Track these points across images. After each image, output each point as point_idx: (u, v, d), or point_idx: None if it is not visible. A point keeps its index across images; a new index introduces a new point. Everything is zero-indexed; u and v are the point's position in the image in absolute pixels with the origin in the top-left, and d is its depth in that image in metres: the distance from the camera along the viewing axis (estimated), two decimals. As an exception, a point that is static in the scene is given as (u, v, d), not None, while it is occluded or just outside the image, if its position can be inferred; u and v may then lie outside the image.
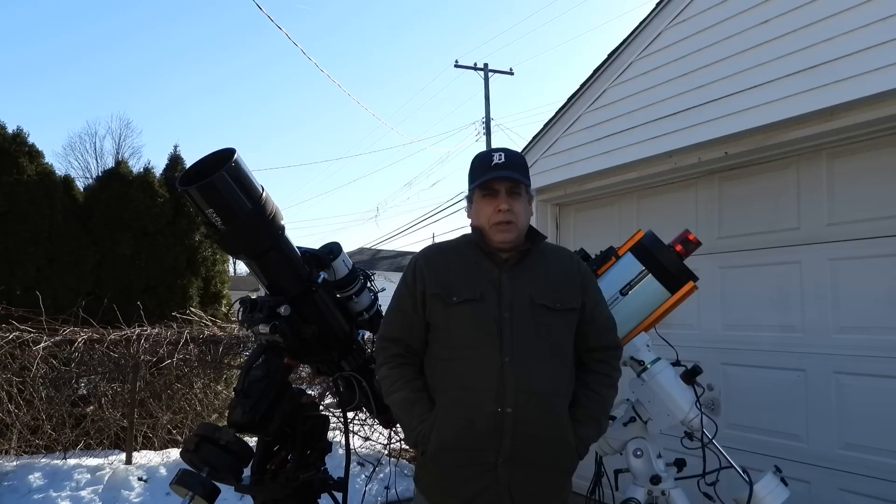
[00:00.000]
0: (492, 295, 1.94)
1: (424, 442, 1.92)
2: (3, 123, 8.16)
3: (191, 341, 6.27)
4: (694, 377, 2.47)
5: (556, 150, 5.08)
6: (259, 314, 2.30)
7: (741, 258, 4.00)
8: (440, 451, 1.91)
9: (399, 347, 2.04)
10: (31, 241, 7.82)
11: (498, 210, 1.95)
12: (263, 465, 2.41)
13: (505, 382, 1.86)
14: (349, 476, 2.55)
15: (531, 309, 1.94)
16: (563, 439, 1.94)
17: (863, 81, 3.10)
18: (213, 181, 2.08)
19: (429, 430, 1.92)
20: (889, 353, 3.26)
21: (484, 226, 1.99)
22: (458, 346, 1.93)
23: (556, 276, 2.03)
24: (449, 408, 1.91)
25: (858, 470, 3.34)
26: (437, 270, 2.00)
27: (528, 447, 1.88)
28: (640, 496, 2.41)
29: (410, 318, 2.02)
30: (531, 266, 2.01)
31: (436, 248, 2.16)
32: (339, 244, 2.59)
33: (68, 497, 5.01)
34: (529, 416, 1.87)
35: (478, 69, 21.12)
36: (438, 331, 1.98)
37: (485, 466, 1.88)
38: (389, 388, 2.01)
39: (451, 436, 1.89)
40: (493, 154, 2.01)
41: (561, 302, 1.98)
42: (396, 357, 2.03)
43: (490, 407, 1.86)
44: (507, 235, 1.97)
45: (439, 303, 1.96)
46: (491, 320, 1.91)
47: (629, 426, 2.53)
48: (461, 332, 1.94)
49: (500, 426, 1.85)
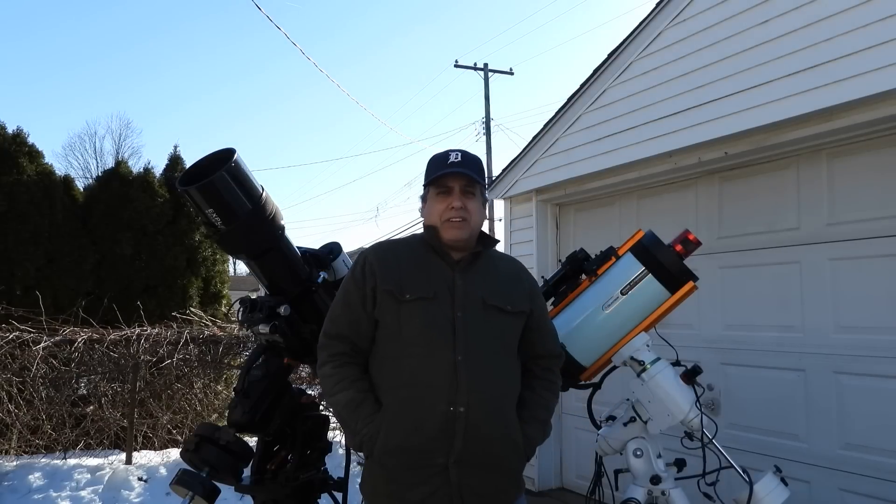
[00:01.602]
0: (445, 294, 1.92)
1: (371, 445, 1.85)
2: (3, 123, 8.18)
3: (191, 341, 6.28)
4: (694, 377, 2.47)
5: (556, 150, 5.08)
6: (259, 314, 2.31)
7: (741, 258, 4.00)
8: (387, 453, 1.84)
9: (344, 345, 1.95)
10: (31, 241, 7.83)
11: (451, 207, 1.94)
12: (263, 465, 2.41)
13: (458, 381, 1.83)
14: (349, 476, 2.55)
15: (483, 309, 1.93)
16: (512, 439, 1.93)
17: (863, 81, 3.10)
18: (213, 181, 2.09)
19: (375, 431, 1.85)
20: (889, 353, 3.26)
21: (436, 223, 1.97)
22: (409, 343, 1.88)
23: (505, 280, 2.04)
24: (397, 408, 1.86)
25: (858, 470, 3.34)
26: (388, 267, 1.95)
27: (479, 447, 1.85)
28: (640, 496, 2.41)
29: (358, 315, 1.94)
30: (482, 268, 2.01)
31: (386, 244, 2.11)
32: (339, 244, 2.60)
33: (68, 497, 5.01)
34: (481, 416, 1.85)
35: (478, 69, 21.13)
36: (388, 328, 1.92)
37: (434, 468, 1.83)
38: (332, 388, 1.93)
39: (399, 437, 1.83)
40: (449, 153, 2.01)
41: (512, 304, 1.99)
42: (341, 356, 1.95)
43: (442, 406, 1.82)
44: (458, 232, 1.95)
45: (390, 300, 1.90)
46: (444, 319, 1.89)
47: (629, 426, 2.53)
48: (412, 330, 1.88)
49: (452, 426, 1.82)
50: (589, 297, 2.52)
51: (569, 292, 2.59)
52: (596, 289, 2.52)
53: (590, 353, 2.49)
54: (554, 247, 5.39)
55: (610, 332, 2.49)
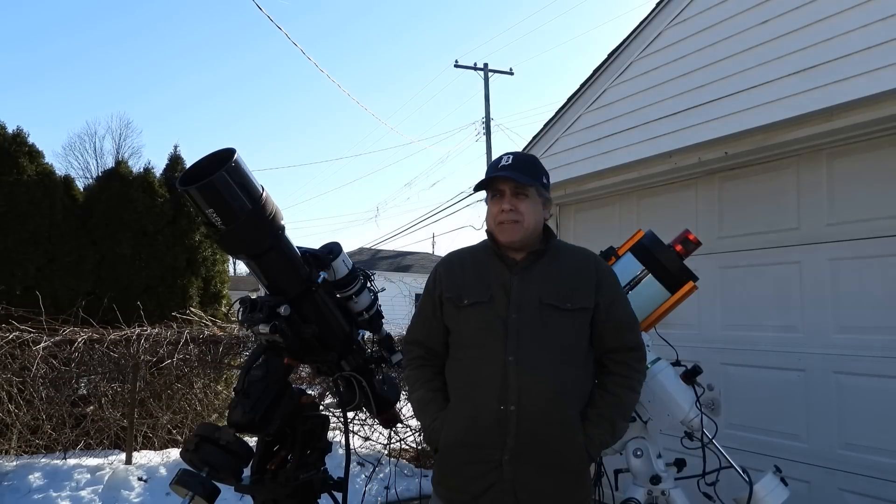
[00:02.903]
0: (501, 297, 1.99)
1: (436, 438, 2.01)
2: (3, 123, 8.15)
3: (191, 341, 6.27)
4: (694, 377, 2.47)
5: (557, 150, 5.08)
6: (259, 314, 2.30)
7: (741, 258, 4.00)
8: (448, 446, 1.99)
9: (420, 350, 2.15)
10: (31, 241, 7.81)
11: (501, 210, 2.01)
12: (263, 465, 2.41)
13: (508, 381, 1.90)
14: (349, 476, 2.55)
15: (539, 309, 1.96)
16: (569, 438, 1.93)
17: (863, 81, 3.10)
18: (213, 181, 2.08)
19: (439, 426, 2.00)
20: (889, 353, 3.26)
21: (493, 226, 2.05)
22: (466, 346, 2.02)
23: (568, 276, 2.03)
24: (457, 405, 2.00)
25: (858, 470, 3.34)
26: (453, 275, 2.10)
27: (532, 446, 1.90)
28: (640, 496, 2.41)
29: (430, 322, 2.13)
30: (543, 267, 2.03)
31: (456, 253, 2.23)
32: (339, 244, 2.59)
33: (68, 497, 5.01)
34: (533, 415, 1.89)
35: (478, 69, 21.12)
36: (452, 333, 2.07)
37: (490, 464, 1.91)
38: (411, 388, 2.14)
39: (456, 432, 1.97)
40: (502, 157, 2.07)
41: (571, 302, 1.98)
42: (418, 359, 2.15)
43: (493, 404, 1.91)
44: (510, 235, 2.00)
45: (451, 306, 2.05)
46: (497, 321, 1.96)
47: (629, 426, 2.53)
48: (469, 332, 2.02)
49: (504, 424, 1.90)
50: (589, 297, 2.52)
51: (569, 292, 2.59)
52: (596, 289, 2.52)
53: (590, 353, 2.48)
54: (554, 247, 5.38)
55: (610, 332, 2.48)
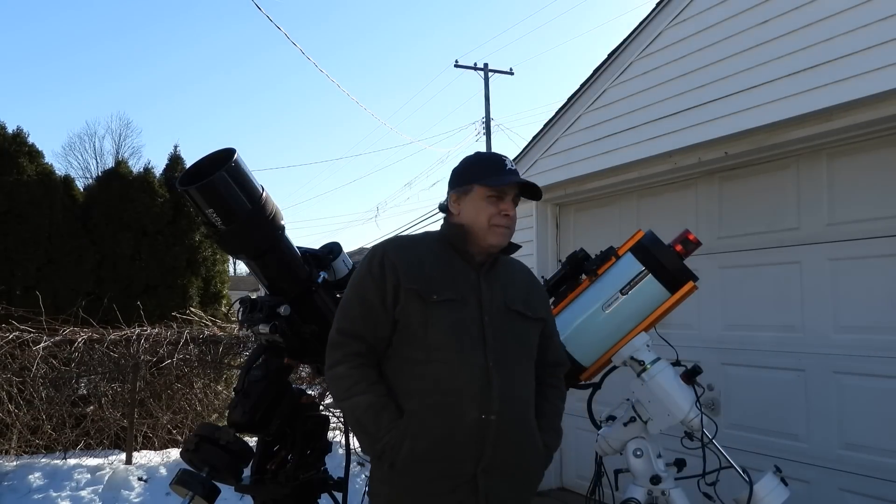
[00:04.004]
0: (471, 297, 1.87)
1: (394, 453, 1.76)
2: (3, 123, 8.17)
3: (191, 341, 6.28)
4: (694, 377, 2.47)
5: (556, 150, 5.08)
6: (259, 314, 2.31)
7: (741, 258, 4.00)
8: (414, 462, 1.76)
9: (360, 345, 1.84)
10: (31, 241, 7.82)
11: (505, 214, 1.90)
12: (263, 465, 2.41)
13: (490, 388, 1.79)
14: (349, 476, 2.55)
15: (506, 314, 1.90)
16: (537, 447, 1.93)
17: (863, 81, 3.10)
18: (213, 181, 2.09)
19: (399, 440, 1.75)
20: (889, 353, 3.26)
21: (482, 225, 1.89)
22: (435, 347, 1.80)
23: (522, 286, 2.02)
24: (424, 415, 1.77)
25: (858, 470, 3.34)
26: (410, 265, 1.85)
27: (508, 456, 1.83)
28: (640, 496, 2.41)
29: (377, 314, 1.83)
30: (502, 273, 1.99)
31: (404, 240, 2.01)
32: (339, 244, 2.60)
33: (68, 497, 5.01)
34: (510, 423, 1.82)
35: (478, 69, 21.14)
36: (409, 330, 1.81)
37: (463, 478, 1.78)
38: (349, 390, 1.81)
39: (427, 446, 1.76)
40: (503, 158, 1.99)
41: (532, 311, 1.98)
42: (357, 356, 1.84)
43: (473, 414, 1.77)
44: (503, 239, 1.93)
45: (416, 300, 1.81)
46: (473, 323, 1.84)
47: (629, 426, 2.53)
48: (439, 333, 1.80)
49: (483, 434, 1.78)
50: (589, 298, 2.52)
51: (569, 292, 2.59)
52: (596, 289, 2.52)
53: (590, 353, 2.49)
54: (554, 247, 5.39)
55: (610, 332, 2.48)
